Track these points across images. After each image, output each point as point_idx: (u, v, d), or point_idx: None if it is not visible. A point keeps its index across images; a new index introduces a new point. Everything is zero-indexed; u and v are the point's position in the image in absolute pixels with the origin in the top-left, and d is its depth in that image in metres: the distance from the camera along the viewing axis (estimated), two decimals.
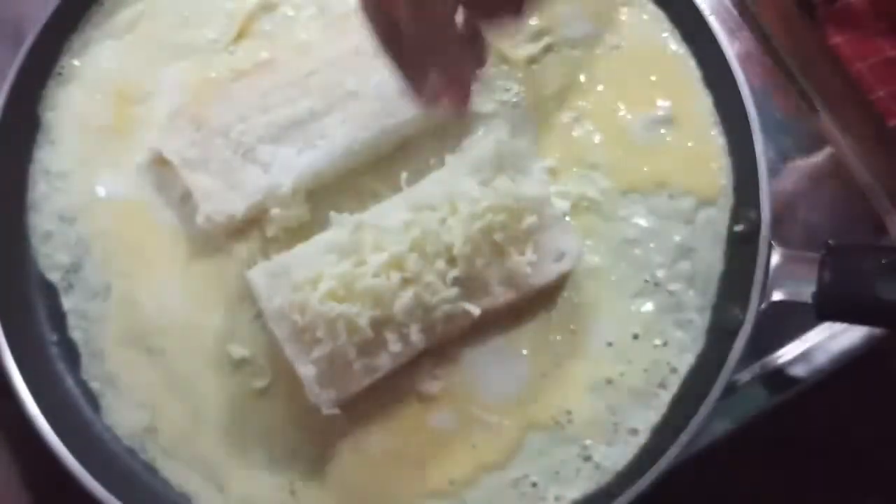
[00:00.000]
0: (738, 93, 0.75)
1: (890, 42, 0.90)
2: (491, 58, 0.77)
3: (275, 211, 0.72)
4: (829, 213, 0.82)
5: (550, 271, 0.71)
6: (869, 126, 0.85)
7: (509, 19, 0.61)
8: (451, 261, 0.68)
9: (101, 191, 0.76)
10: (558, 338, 0.73)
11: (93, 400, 0.72)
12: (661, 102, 0.78)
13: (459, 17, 0.59)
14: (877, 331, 0.76)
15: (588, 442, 0.71)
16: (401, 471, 0.70)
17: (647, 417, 0.71)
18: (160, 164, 0.75)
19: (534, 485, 0.70)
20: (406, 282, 0.67)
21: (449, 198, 0.69)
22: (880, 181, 0.82)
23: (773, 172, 0.74)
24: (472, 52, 0.62)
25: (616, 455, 0.70)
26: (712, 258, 0.75)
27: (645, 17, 0.81)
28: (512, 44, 0.80)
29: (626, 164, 0.77)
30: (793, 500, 0.81)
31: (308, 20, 0.80)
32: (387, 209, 0.70)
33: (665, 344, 0.73)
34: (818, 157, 0.84)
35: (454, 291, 0.67)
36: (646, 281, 0.74)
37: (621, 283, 0.74)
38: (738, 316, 0.70)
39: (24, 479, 0.73)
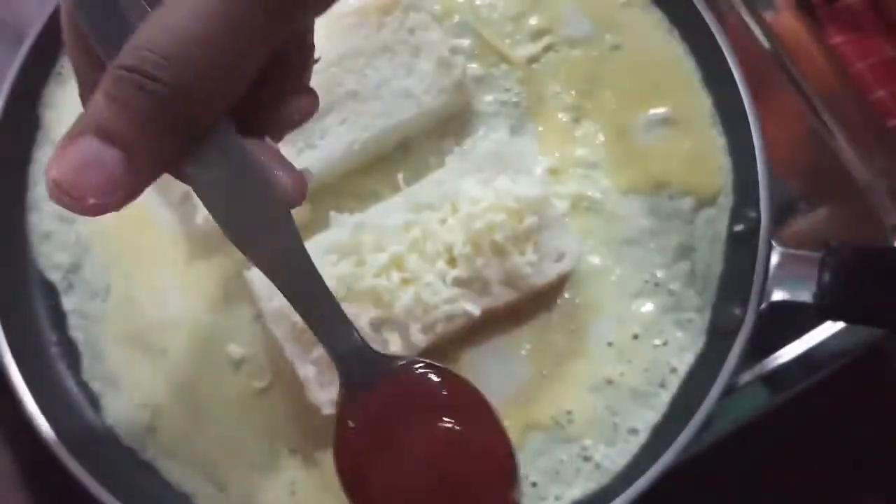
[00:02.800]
0: (738, 93, 0.75)
1: (890, 42, 0.90)
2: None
3: None
4: (829, 213, 0.82)
5: (550, 271, 0.71)
6: (869, 126, 0.85)
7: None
8: (452, 261, 0.68)
9: None
10: (558, 338, 0.73)
11: (93, 400, 0.72)
12: (661, 102, 0.78)
13: None
14: (877, 331, 0.76)
15: (588, 442, 0.71)
16: None
17: (647, 417, 0.71)
18: None
19: (534, 485, 0.70)
20: (406, 282, 0.67)
21: (449, 198, 0.69)
22: (880, 181, 0.82)
23: (773, 173, 0.74)
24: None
25: (616, 455, 0.70)
26: (712, 258, 0.75)
27: (645, 16, 0.81)
28: (512, 43, 0.80)
29: (626, 164, 0.77)
30: (793, 500, 0.81)
31: None
32: (387, 209, 0.70)
33: (665, 344, 0.73)
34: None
35: (454, 291, 0.67)
36: (646, 281, 0.74)
37: (621, 283, 0.74)
38: (738, 316, 0.69)
39: (23, 480, 0.73)
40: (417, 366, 0.50)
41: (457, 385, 0.50)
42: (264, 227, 0.43)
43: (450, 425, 0.48)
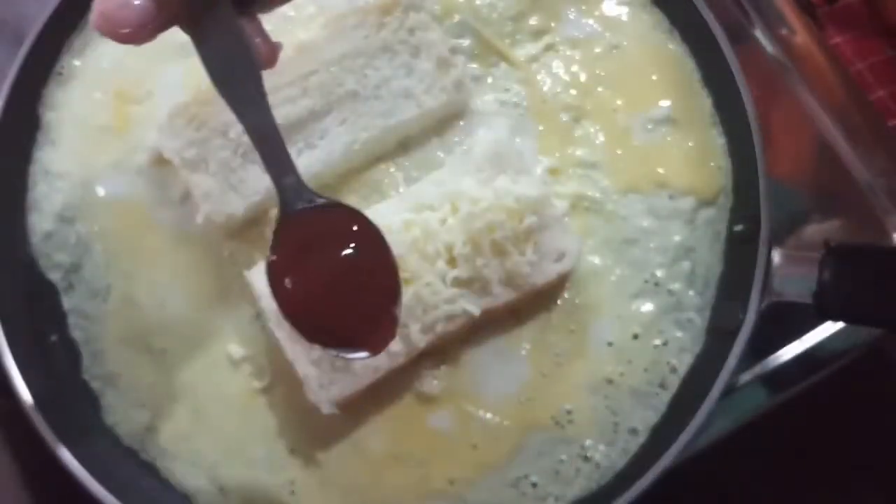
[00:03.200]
0: (738, 93, 0.75)
1: (889, 42, 0.90)
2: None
3: (275, 211, 0.72)
4: (830, 214, 0.82)
5: (550, 271, 0.71)
6: (869, 126, 0.85)
7: None
8: (451, 261, 0.68)
9: (101, 191, 0.76)
10: (558, 338, 0.73)
11: (93, 400, 0.72)
12: (661, 102, 0.78)
13: None
14: (877, 331, 0.76)
15: (588, 442, 0.71)
16: (401, 471, 0.70)
17: (647, 417, 0.71)
18: (160, 164, 0.75)
19: (534, 485, 0.70)
20: (406, 282, 0.67)
21: (449, 198, 0.69)
22: (880, 181, 0.82)
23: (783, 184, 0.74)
24: None
25: (616, 455, 0.70)
26: (712, 258, 0.75)
27: (645, 17, 0.81)
28: (512, 43, 0.80)
29: (626, 164, 0.77)
30: (793, 500, 0.81)
31: (308, 20, 0.80)
32: (387, 209, 0.70)
33: (665, 344, 0.73)
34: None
35: (454, 291, 0.67)
36: (646, 281, 0.74)
37: (621, 283, 0.74)
38: (738, 316, 0.69)
39: (23, 480, 0.73)
40: (337, 204, 0.62)
41: (364, 223, 0.61)
42: (241, 79, 0.58)
43: (353, 252, 0.60)
